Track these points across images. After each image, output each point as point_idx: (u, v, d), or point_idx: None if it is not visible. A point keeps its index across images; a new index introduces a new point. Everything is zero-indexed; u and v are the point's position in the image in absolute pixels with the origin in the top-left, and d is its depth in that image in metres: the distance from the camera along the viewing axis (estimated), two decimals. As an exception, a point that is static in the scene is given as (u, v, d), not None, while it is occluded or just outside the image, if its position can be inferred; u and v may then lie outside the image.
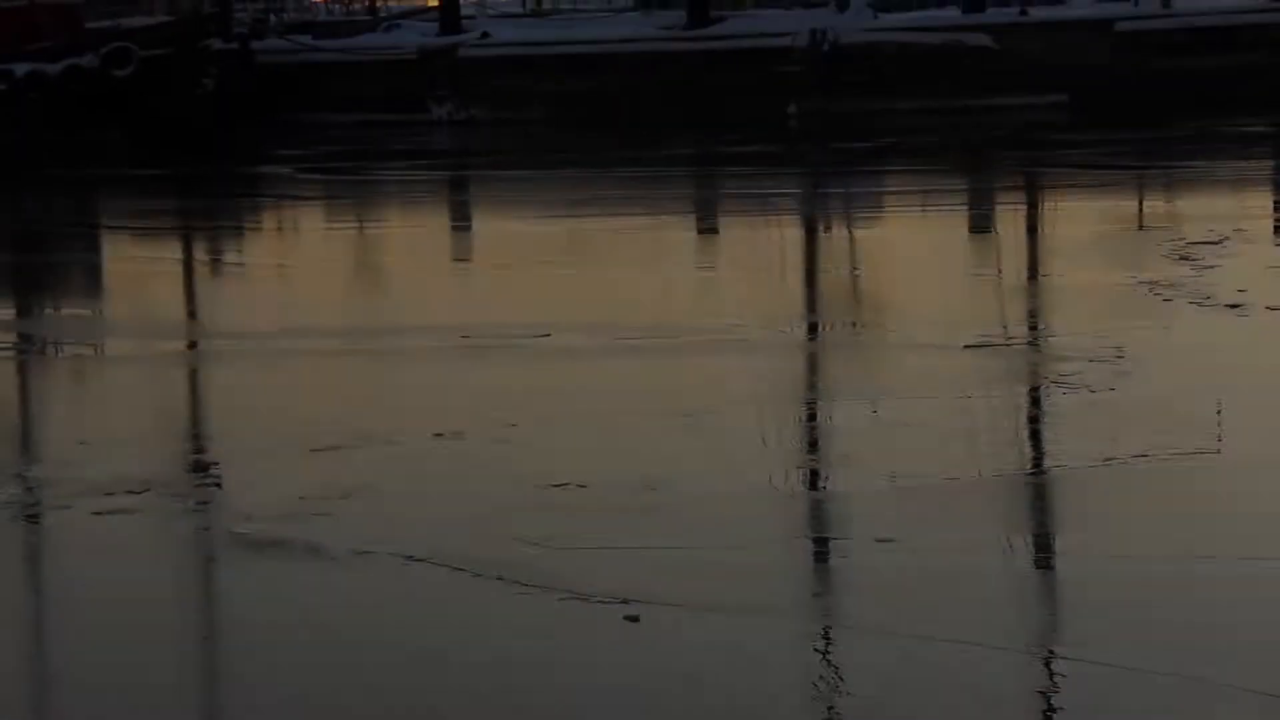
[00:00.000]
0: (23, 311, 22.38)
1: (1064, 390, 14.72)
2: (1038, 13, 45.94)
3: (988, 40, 44.67)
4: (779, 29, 46.63)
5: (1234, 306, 18.02)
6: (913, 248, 24.84)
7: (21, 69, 46.03)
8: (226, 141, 45.84)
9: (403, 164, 40.56)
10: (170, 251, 28.74)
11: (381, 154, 42.33)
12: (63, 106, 45.80)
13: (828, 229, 28.70)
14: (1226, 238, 22.73)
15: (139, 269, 26.34)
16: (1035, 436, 13.70)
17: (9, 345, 19.55)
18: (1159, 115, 40.31)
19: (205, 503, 12.38)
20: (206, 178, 40.42)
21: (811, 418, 14.55)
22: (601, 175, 36.53)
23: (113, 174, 40.73)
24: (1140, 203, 29.61)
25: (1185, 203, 28.72)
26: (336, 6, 60.63)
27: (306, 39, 50.44)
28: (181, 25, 48.88)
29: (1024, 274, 22.26)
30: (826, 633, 9.54)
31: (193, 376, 17.78)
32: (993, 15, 46.02)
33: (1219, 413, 13.84)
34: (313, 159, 41.90)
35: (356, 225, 31.73)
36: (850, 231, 28.09)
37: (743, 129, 42.56)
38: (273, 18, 58.41)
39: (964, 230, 27.84)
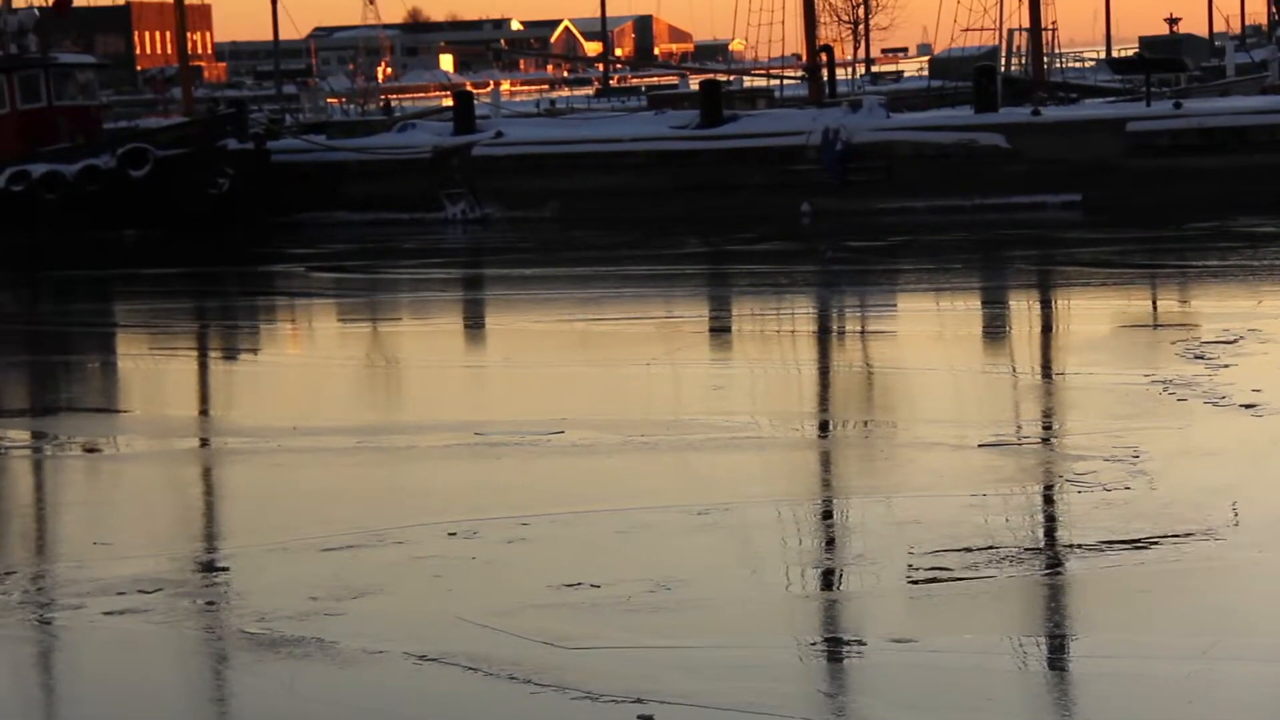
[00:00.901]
0: (39, 411, 22.39)
1: (1079, 489, 14.68)
2: (1050, 113, 46.02)
3: (1001, 139, 44.74)
4: (792, 128, 46.75)
5: (1249, 407, 17.98)
6: (926, 345, 24.83)
7: (38, 170, 46.28)
8: (241, 240, 45.98)
9: (415, 262, 40.66)
10: (184, 350, 28.79)
11: (394, 252, 42.44)
12: (79, 207, 46.05)
13: (841, 326, 28.72)
14: (1241, 337, 22.71)
15: (154, 367, 26.38)
16: (1050, 536, 13.65)
17: (26, 444, 19.57)
18: (1171, 214, 40.32)
19: (216, 603, 12.35)
20: (221, 276, 40.54)
21: (826, 515, 14.51)
22: (615, 273, 36.59)
23: (128, 273, 40.86)
24: (1154, 301, 29.62)
25: (1199, 302, 28.72)
26: (352, 107, 60.85)
27: (321, 139, 50.60)
28: (197, 126, 49.14)
29: (1038, 372, 22.25)
30: (841, 734, 9.48)
31: (206, 475, 17.77)
32: (1005, 115, 46.06)
33: (1234, 514, 13.79)
34: (326, 257, 42.02)
35: (369, 323, 31.78)
36: (863, 329, 28.10)
37: (756, 227, 42.66)
38: (288, 118, 58.71)
39: (978, 328, 27.85)
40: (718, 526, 13.97)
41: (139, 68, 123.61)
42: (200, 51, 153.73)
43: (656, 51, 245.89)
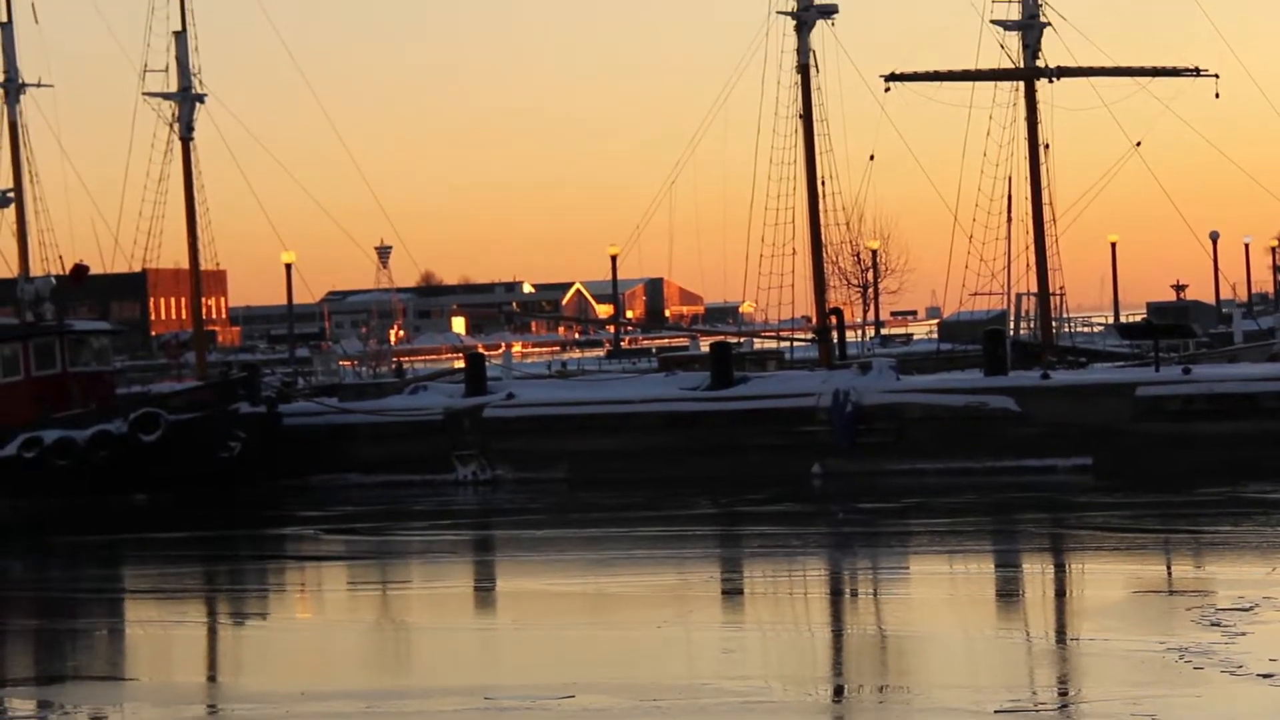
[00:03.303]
0: (44, 679, 22.20)
1: (1096, 758, 14.48)
2: (1060, 377, 46.16)
3: (1011, 403, 44.86)
4: (802, 390, 46.90)
5: (1267, 676, 17.81)
6: (939, 608, 24.67)
7: (51, 436, 46.46)
8: (252, 503, 45.96)
9: (426, 524, 40.60)
10: (193, 614, 28.65)
11: (405, 515, 42.38)
12: (91, 472, 46.13)
13: (853, 589, 28.57)
14: (1256, 605, 22.56)
15: (162, 633, 26.22)
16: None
17: (30, 715, 19.37)
18: (1183, 480, 40.26)
19: None
20: (231, 540, 40.47)
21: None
22: (625, 535, 36.52)
23: (138, 537, 40.79)
24: (1168, 566, 29.47)
25: (1213, 568, 28.57)
26: (364, 369, 61.22)
27: (333, 401, 50.81)
28: (210, 390, 49.37)
29: (1052, 636, 22.08)
30: None
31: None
32: (1015, 378, 46.21)
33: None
34: (337, 520, 41.98)
35: (379, 586, 31.64)
36: (876, 591, 27.95)
37: (767, 488, 42.62)
38: (301, 381, 58.99)
39: (991, 591, 27.69)
40: (731, 795, 13.78)
41: (153, 332, 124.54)
42: (215, 316, 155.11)
43: (667, 313, 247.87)
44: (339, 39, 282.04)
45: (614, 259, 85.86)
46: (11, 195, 52.96)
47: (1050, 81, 50.54)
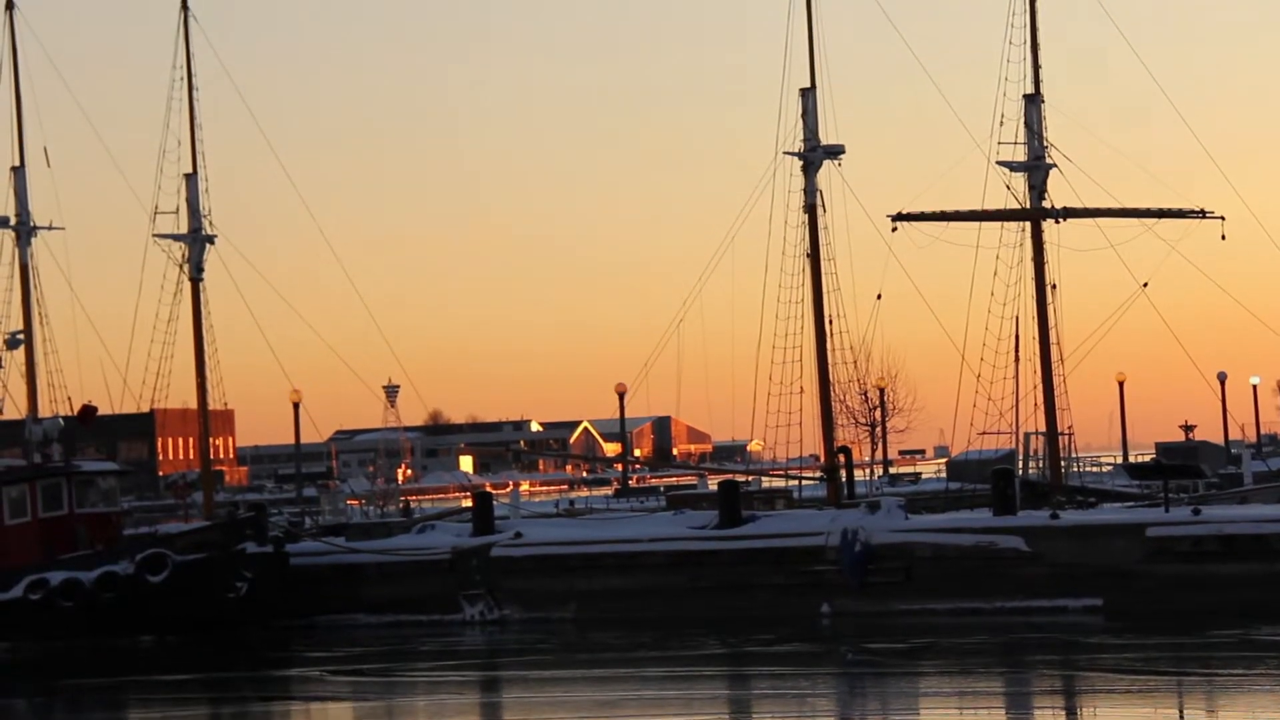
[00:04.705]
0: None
1: None
2: (1069, 517, 46.01)
3: (1020, 543, 44.67)
4: (811, 528, 46.76)
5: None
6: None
7: (57, 578, 46.36)
8: (259, 644, 45.75)
9: (433, 665, 40.37)
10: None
11: (412, 655, 42.15)
12: (97, 614, 46.00)
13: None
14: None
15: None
16: None
17: None
18: (1194, 621, 40.00)
19: None
20: (237, 682, 40.23)
21: None
22: (633, 675, 36.30)
23: (143, 680, 40.56)
24: (1180, 711, 29.24)
25: (1226, 713, 28.35)
26: (372, 509, 61.15)
27: (341, 541, 50.73)
28: (216, 531, 49.25)
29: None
30: None
31: None
32: (1024, 518, 46.05)
33: None
34: (344, 660, 41.73)
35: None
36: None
37: (776, 628, 42.41)
38: (308, 520, 58.90)
39: (1002, 736, 27.44)
40: None
41: (161, 472, 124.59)
42: (222, 456, 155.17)
43: (675, 451, 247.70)
44: (347, 178, 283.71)
45: (621, 397, 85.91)
46: (22, 337, 53.12)
47: (1057, 222, 50.71)
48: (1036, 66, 50.72)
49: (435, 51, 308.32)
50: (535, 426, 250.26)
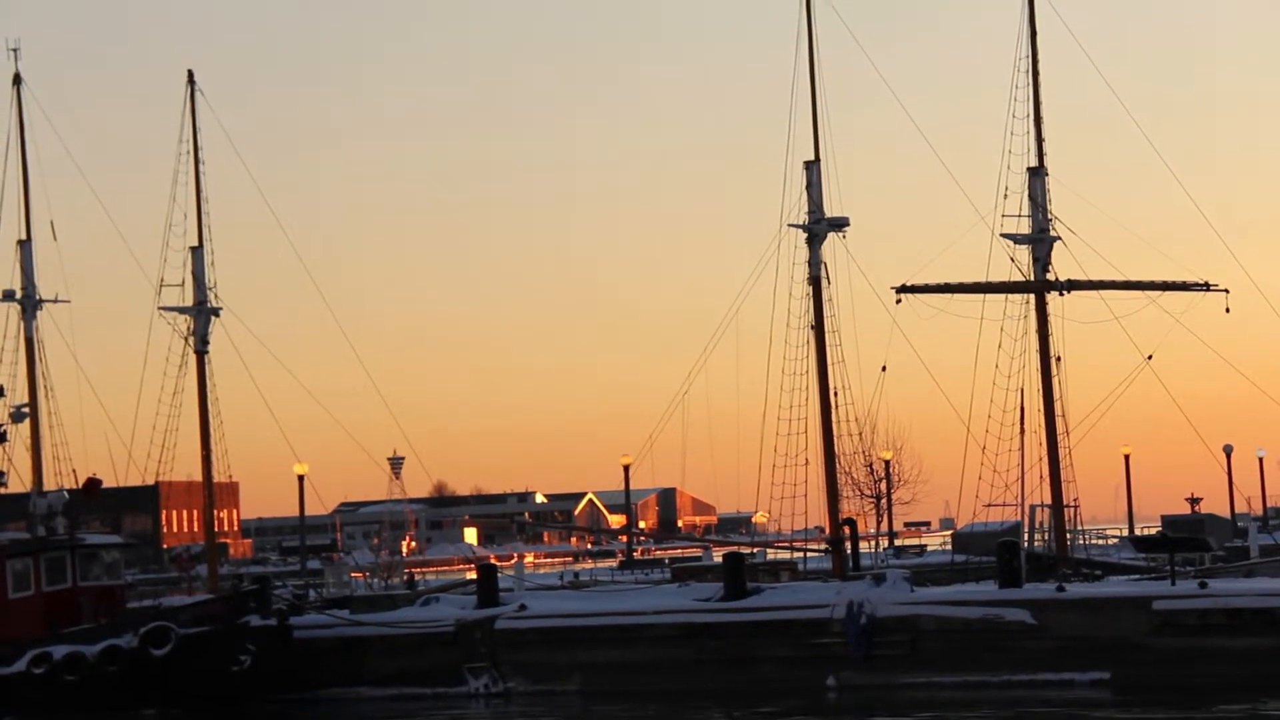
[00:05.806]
0: None
1: None
2: (1075, 589, 45.85)
3: (1026, 615, 44.51)
4: (816, 601, 46.62)
5: None
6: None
7: (60, 652, 46.21)
8: (262, 718, 45.55)
9: (438, 741, 40.23)
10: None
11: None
12: (100, 688, 45.83)
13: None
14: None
15: None
16: None
17: None
18: (1201, 695, 39.83)
19: None
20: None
21: None
22: (639, 751, 36.13)
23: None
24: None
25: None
26: (376, 581, 60.99)
27: (344, 614, 50.58)
28: (220, 604, 49.13)
29: None
30: None
31: None
32: (1030, 590, 45.91)
33: None
34: (348, 734, 41.59)
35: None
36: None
37: (781, 700, 42.26)
38: (312, 593, 58.72)
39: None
40: None
41: (166, 545, 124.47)
42: (227, 528, 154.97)
43: (680, 523, 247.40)
44: (353, 251, 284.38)
45: (626, 469, 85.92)
46: (27, 410, 53.10)
47: (1061, 294, 50.80)
48: (1040, 139, 50.92)
49: (441, 127, 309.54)
50: (540, 498, 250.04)
